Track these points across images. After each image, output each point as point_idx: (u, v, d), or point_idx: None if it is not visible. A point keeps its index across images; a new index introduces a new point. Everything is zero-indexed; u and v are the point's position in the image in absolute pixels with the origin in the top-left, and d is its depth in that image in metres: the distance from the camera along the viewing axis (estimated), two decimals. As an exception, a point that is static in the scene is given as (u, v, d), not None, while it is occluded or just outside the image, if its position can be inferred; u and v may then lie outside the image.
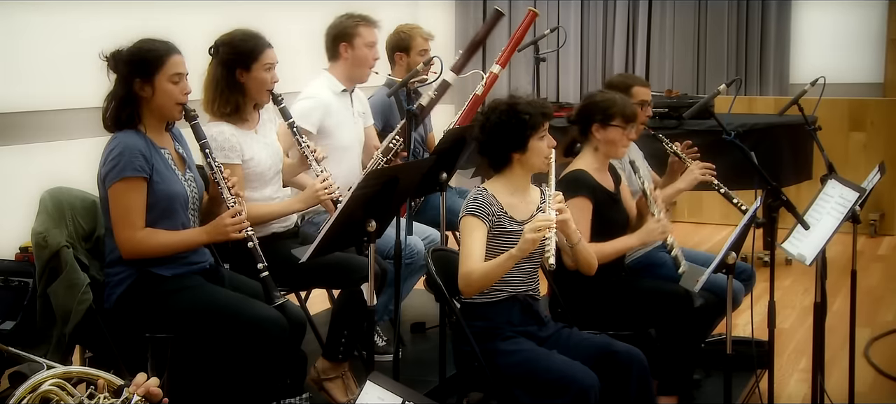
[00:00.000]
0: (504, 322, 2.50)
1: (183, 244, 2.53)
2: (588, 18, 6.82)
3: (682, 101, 4.82)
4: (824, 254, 2.76)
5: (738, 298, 3.06)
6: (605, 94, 2.96)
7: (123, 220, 2.45)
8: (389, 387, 1.64)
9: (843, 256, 3.91)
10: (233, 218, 2.50)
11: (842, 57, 6.23)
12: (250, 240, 2.53)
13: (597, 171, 2.90)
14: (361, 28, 3.32)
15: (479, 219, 2.45)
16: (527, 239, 2.31)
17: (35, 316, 2.59)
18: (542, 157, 2.52)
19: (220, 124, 2.79)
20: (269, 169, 2.90)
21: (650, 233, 2.80)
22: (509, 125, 2.48)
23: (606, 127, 2.87)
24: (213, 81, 2.81)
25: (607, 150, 2.90)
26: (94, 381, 1.66)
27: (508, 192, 2.53)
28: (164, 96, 2.49)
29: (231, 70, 2.79)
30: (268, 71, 2.81)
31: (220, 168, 2.56)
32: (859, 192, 2.76)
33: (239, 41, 2.81)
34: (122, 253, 2.48)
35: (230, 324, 2.47)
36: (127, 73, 2.47)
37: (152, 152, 2.49)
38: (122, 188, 2.44)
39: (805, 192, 4.64)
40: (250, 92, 2.82)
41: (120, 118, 2.49)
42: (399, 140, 3.17)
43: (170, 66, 2.49)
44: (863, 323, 3.78)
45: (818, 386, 2.88)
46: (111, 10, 4.02)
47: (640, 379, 2.45)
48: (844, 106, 5.88)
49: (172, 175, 2.53)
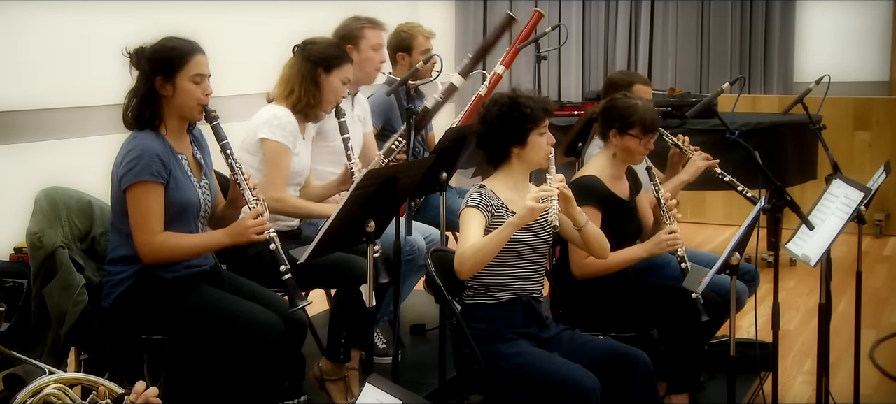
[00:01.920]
0: (506, 324, 2.48)
1: (203, 246, 2.52)
2: (590, 16, 6.79)
3: (685, 99, 4.81)
4: (829, 254, 2.75)
5: (742, 300, 3.03)
6: (628, 100, 2.88)
7: (142, 224, 2.43)
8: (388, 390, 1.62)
9: (848, 257, 3.88)
10: (255, 219, 2.47)
11: (847, 55, 6.19)
12: (272, 242, 2.49)
13: (611, 179, 2.86)
14: (367, 30, 3.35)
15: (478, 210, 2.44)
16: (528, 206, 2.29)
17: (30, 317, 2.57)
18: (542, 154, 2.50)
19: (285, 108, 2.89)
20: (301, 172, 2.99)
21: (659, 244, 2.76)
22: (510, 118, 2.47)
23: (624, 135, 2.82)
24: (296, 74, 2.92)
25: (624, 157, 2.86)
26: (95, 388, 1.66)
27: (507, 187, 2.52)
28: (185, 96, 2.47)
29: (315, 67, 2.92)
30: (344, 84, 2.97)
31: (240, 169, 2.52)
32: (864, 192, 2.75)
33: (326, 46, 2.98)
34: (142, 257, 2.45)
35: (228, 327, 2.46)
36: (149, 71, 2.45)
37: (170, 157, 2.47)
38: (140, 191, 2.42)
39: (809, 192, 4.62)
40: (324, 96, 2.93)
41: (143, 116, 2.47)
42: (401, 142, 3.17)
43: (192, 65, 2.46)
44: (868, 325, 3.77)
45: (823, 389, 2.87)
46: (109, 9, 4.01)
47: (646, 382, 2.44)
48: (849, 105, 5.85)
49: (188, 182, 2.51)
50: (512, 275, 2.48)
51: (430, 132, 3.89)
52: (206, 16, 4.05)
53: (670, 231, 2.76)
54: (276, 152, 2.85)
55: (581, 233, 2.56)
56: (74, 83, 3.36)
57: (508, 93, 2.52)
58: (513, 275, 2.48)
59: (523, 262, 2.50)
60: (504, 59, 3.78)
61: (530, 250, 2.50)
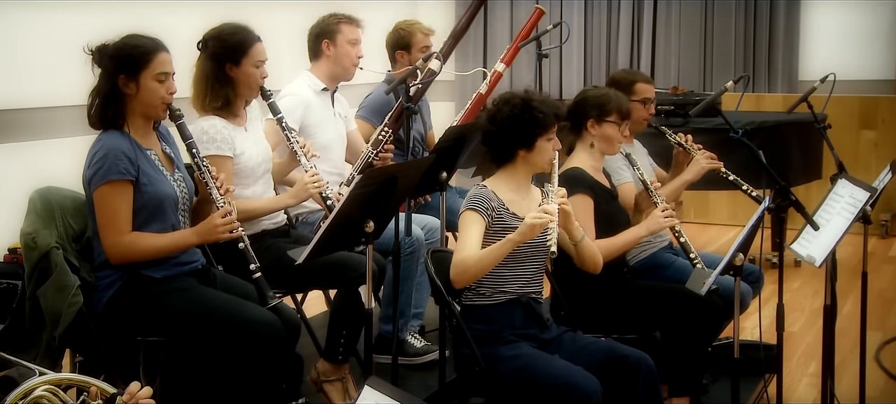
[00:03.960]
0: (506, 325, 2.46)
1: (172, 246, 2.49)
2: (592, 13, 6.74)
3: (689, 98, 4.78)
4: (834, 255, 2.73)
5: (746, 301, 3.02)
6: (600, 89, 2.97)
7: (110, 225, 2.40)
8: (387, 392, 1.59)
9: (854, 258, 3.86)
10: (223, 218, 2.46)
11: (852, 53, 6.14)
12: (241, 241, 2.49)
13: (593, 169, 2.89)
14: (343, 26, 3.33)
15: (478, 213, 2.42)
16: (528, 224, 2.29)
17: (24, 319, 2.55)
18: (547, 159, 2.49)
19: (212, 118, 2.78)
20: (259, 165, 2.89)
21: (657, 220, 2.78)
22: (520, 121, 2.45)
23: (602, 123, 2.86)
24: (202, 76, 2.80)
25: (603, 147, 2.89)
26: (87, 389, 1.64)
27: (509, 189, 2.50)
28: (149, 94, 2.44)
29: (220, 64, 2.78)
30: (258, 67, 2.81)
31: (208, 167, 2.51)
32: (870, 192, 2.73)
33: (227, 35, 2.80)
34: (110, 258, 2.44)
35: (223, 327, 2.44)
36: (112, 69, 2.43)
37: (138, 154, 2.44)
38: (107, 192, 2.39)
39: (815, 192, 4.59)
40: (240, 87, 2.81)
41: (106, 116, 2.45)
42: (388, 131, 3.15)
43: (156, 63, 2.44)
44: (874, 327, 3.73)
45: (828, 391, 2.85)
46: (101, 7, 4.00)
47: (648, 384, 2.42)
48: (855, 103, 5.81)
49: (160, 176, 2.49)
50: (511, 276, 2.47)
51: (429, 131, 3.86)
52: (193, 14, 4.02)
53: (663, 208, 2.78)
54: (219, 163, 2.72)
55: (576, 248, 2.56)
56: (67, 81, 3.31)
57: (521, 94, 2.49)
58: (512, 276, 2.46)
59: (523, 264, 2.48)
60: (505, 56, 3.75)
61: (530, 253, 2.48)
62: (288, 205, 2.92)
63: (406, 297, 3.35)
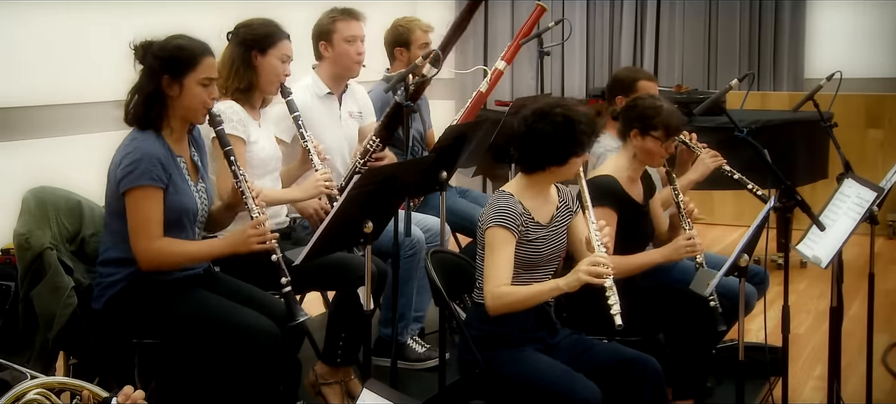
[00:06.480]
0: (518, 326, 2.41)
1: (203, 255, 2.48)
2: (594, 10, 6.70)
3: (693, 96, 4.76)
4: (841, 256, 2.70)
5: (751, 302, 2.99)
6: (653, 100, 2.82)
7: (141, 230, 2.37)
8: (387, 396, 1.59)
9: (861, 259, 3.81)
10: (256, 229, 2.41)
11: (859, 51, 6.10)
12: (274, 253, 2.43)
13: (628, 181, 2.80)
14: (339, 23, 3.27)
15: (509, 232, 2.35)
16: (580, 279, 2.24)
17: (17, 320, 2.54)
18: (574, 172, 2.44)
19: (230, 101, 2.81)
20: (270, 160, 2.91)
21: (677, 249, 2.71)
22: (559, 138, 2.35)
23: (646, 136, 2.76)
24: (228, 60, 2.85)
25: (644, 159, 2.81)
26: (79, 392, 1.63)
27: (531, 196, 2.44)
28: (192, 98, 2.42)
29: (248, 50, 2.82)
30: (283, 62, 2.87)
31: (244, 176, 2.47)
32: (877, 192, 2.70)
33: (258, 25, 2.86)
34: (140, 263, 2.40)
35: (220, 331, 2.42)
36: (157, 68, 2.39)
37: (170, 162, 2.41)
38: (140, 196, 2.36)
39: (820, 192, 4.53)
40: (262, 78, 2.85)
41: (148, 116, 2.40)
42: (375, 141, 3.11)
43: (202, 68, 2.41)
44: (881, 329, 3.70)
45: (834, 394, 2.85)
46: (102, 8, 3.97)
47: (655, 387, 2.39)
48: (861, 102, 5.78)
49: (185, 186, 2.46)
50: (530, 280, 2.42)
51: (429, 130, 3.83)
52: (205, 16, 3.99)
53: (689, 236, 2.71)
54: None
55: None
56: (66, 80, 3.31)
57: (565, 112, 2.36)
58: (531, 280, 2.42)
59: (542, 270, 2.45)
60: (505, 54, 3.72)
61: (550, 259, 2.46)
62: (295, 197, 2.92)
63: (406, 300, 3.32)
